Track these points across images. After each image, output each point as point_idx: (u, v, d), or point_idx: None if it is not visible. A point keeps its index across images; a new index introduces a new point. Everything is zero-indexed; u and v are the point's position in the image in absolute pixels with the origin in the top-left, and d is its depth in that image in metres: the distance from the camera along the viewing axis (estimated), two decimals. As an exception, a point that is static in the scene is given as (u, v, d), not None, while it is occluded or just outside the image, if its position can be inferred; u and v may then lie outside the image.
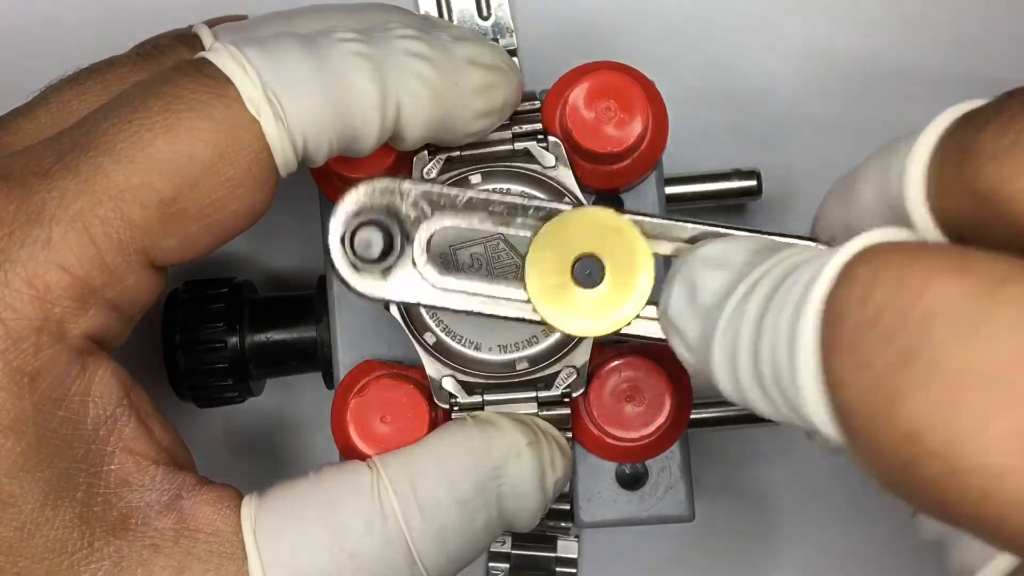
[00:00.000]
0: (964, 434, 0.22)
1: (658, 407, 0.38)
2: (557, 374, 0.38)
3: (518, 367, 0.38)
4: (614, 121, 0.38)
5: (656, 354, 0.39)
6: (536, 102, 0.39)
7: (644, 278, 0.32)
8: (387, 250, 0.33)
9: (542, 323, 0.33)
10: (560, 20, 0.47)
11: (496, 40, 0.46)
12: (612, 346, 0.39)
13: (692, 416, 0.40)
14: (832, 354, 0.24)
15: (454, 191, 0.33)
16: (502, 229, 0.34)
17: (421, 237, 0.33)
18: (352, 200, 0.33)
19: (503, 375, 0.38)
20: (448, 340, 0.38)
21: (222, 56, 0.33)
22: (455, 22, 0.45)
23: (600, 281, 0.32)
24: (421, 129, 0.35)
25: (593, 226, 0.32)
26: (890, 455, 0.23)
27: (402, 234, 0.33)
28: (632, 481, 0.40)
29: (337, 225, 0.33)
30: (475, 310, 0.34)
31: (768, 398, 0.27)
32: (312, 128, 0.33)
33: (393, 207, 0.33)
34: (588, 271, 0.32)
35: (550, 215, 0.33)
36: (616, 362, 0.39)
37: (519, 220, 0.34)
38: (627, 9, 0.48)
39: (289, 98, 0.33)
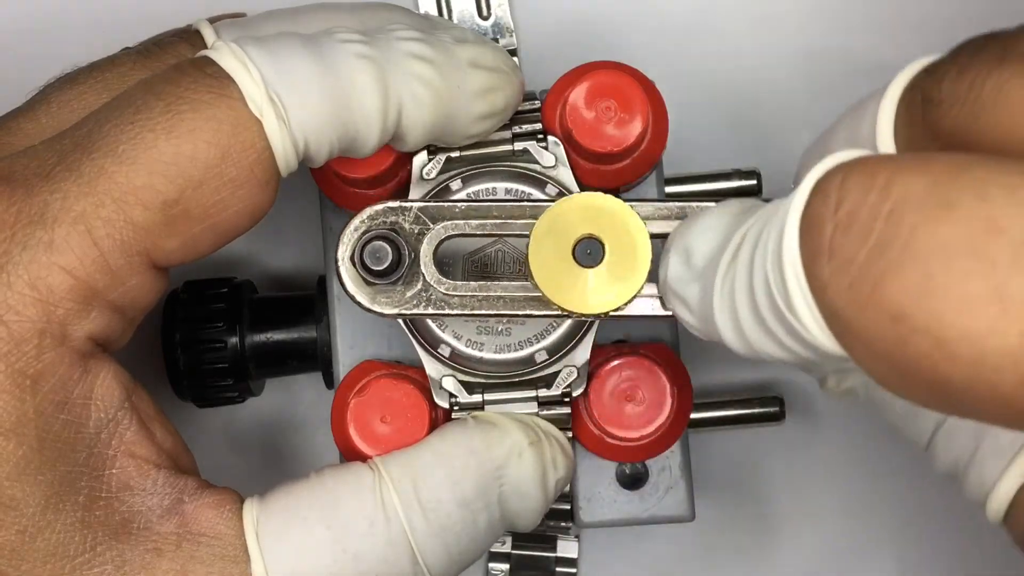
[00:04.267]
0: (945, 304, 0.23)
1: (658, 407, 0.38)
2: (557, 373, 0.38)
3: (537, 359, 0.38)
4: (614, 121, 0.38)
5: (656, 354, 0.39)
6: (536, 102, 0.39)
7: (643, 252, 0.33)
8: (396, 264, 0.34)
9: (553, 314, 0.34)
10: (560, 20, 0.47)
11: (496, 40, 0.46)
12: (613, 346, 0.39)
13: (692, 416, 0.40)
14: (814, 261, 0.25)
15: (451, 203, 0.35)
16: (503, 231, 0.35)
17: (427, 248, 0.34)
18: (356, 223, 0.34)
19: (504, 374, 0.38)
20: (463, 347, 0.38)
21: (224, 55, 0.33)
22: (455, 22, 0.45)
23: (601, 260, 0.32)
24: (422, 131, 0.35)
25: (590, 209, 0.33)
26: (880, 342, 0.24)
27: (409, 249, 0.34)
28: (632, 481, 0.40)
29: (346, 246, 0.34)
30: (489, 312, 0.35)
31: (771, 336, 0.28)
32: (314, 129, 0.33)
33: (396, 225, 0.35)
34: (588, 251, 0.32)
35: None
36: (616, 362, 0.39)
37: (519, 221, 0.34)
38: (627, 9, 0.48)
39: (292, 98, 0.33)
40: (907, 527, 0.48)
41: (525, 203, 0.35)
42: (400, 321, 0.38)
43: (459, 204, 0.35)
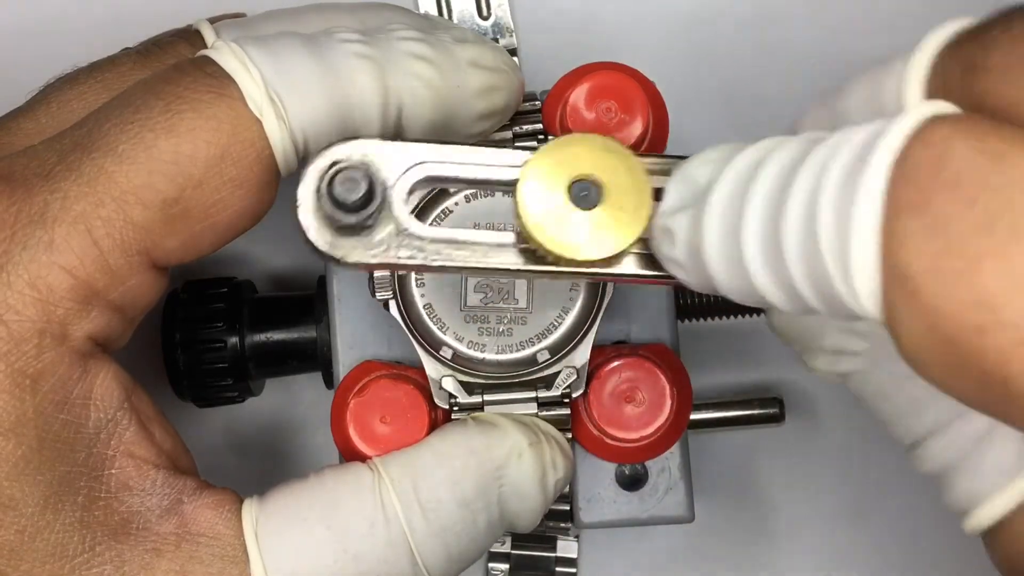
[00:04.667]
0: None
1: (658, 408, 0.38)
2: (557, 374, 0.38)
3: (539, 359, 0.38)
4: (614, 121, 0.38)
5: (656, 355, 0.39)
6: (536, 102, 0.39)
7: (645, 197, 0.29)
8: (367, 200, 0.30)
9: (538, 268, 0.30)
10: (560, 20, 0.47)
11: (496, 40, 0.46)
12: (613, 347, 0.39)
13: (692, 417, 0.40)
14: (898, 213, 0.23)
15: (423, 142, 0.31)
16: (485, 177, 0.31)
17: (401, 186, 0.31)
18: (328, 153, 0.30)
19: (505, 375, 0.38)
20: (464, 349, 0.38)
21: (224, 54, 0.33)
22: (455, 22, 0.45)
23: (598, 202, 0.29)
24: (422, 131, 0.35)
25: (590, 149, 0.30)
26: (952, 324, 0.22)
27: (381, 186, 0.30)
28: (632, 482, 0.40)
29: (312, 176, 0.30)
30: (467, 266, 0.31)
31: (779, 276, 0.25)
32: (313, 128, 0.33)
33: (369, 160, 0.31)
34: (584, 192, 0.29)
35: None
36: (616, 363, 0.39)
37: (502, 166, 0.31)
38: (627, 9, 0.48)
39: (291, 98, 0.33)
40: (907, 527, 0.48)
41: (506, 145, 0.31)
42: (400, 322, 0.38)
43: (434, 143, 0.31)
